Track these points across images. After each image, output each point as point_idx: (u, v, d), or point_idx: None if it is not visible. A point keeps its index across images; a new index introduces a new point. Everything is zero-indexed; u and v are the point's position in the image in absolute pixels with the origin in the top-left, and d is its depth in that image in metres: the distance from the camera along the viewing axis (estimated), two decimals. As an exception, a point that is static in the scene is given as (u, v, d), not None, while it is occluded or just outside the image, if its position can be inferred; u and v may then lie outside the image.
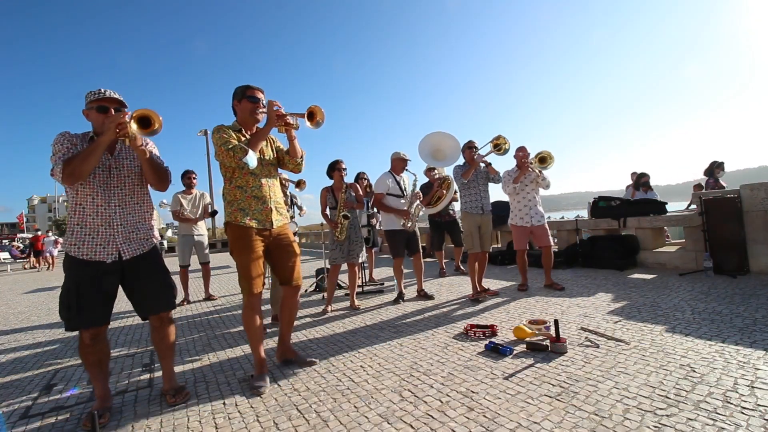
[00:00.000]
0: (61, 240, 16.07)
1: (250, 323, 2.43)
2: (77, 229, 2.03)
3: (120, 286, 2.17)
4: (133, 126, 1.94)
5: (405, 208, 4.36)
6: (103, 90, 2.06)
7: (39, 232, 17.11)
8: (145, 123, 2.00)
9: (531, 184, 4.51)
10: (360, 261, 4.32)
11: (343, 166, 4.26)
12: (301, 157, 2.59)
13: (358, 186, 4.38)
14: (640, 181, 7.50)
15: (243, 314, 2.45)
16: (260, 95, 2.49)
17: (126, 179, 2.13)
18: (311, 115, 2.47)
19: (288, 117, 2.41)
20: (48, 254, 14.98)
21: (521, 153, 4.48)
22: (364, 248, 4.39)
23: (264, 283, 2.51)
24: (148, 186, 2.26)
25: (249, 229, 2.39)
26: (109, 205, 2.06)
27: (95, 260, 2.03)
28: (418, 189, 4.47)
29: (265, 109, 2.45)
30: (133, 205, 2.16)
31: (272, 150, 2.61)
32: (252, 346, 2.47)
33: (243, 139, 2.41)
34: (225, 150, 2.27)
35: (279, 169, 2.73)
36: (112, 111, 2.06)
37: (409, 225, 4.34)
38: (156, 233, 2.30)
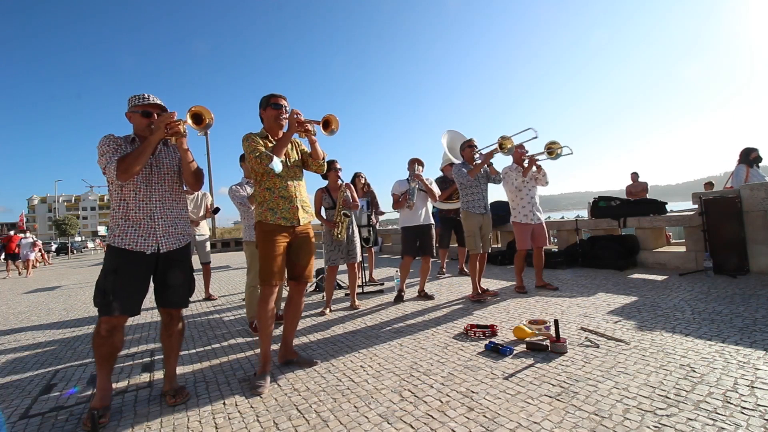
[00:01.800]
0: (39, 242, 13.83)
1: (262, 315, 2.50)
2: (121, 222, 2.15)
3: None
4: (189, 121, 2.18)
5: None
6: (146, 95, 2.22)
7: (12, 232, 13.92)
8: (198, 119, 2.27)
9: (531, 182, 4.50)
10: (359, 260, 4.31)
11: (338, 166, 4.22)
12: (323, 158, 2.74)
13: (353, 187, 4.35)
14: (750, 156, 6.02)
15: (258, 306, 2.53)
16: (283, 102, 2.65)
17: (165, 176, 2.28)
18: (326, 124, 2.67)
19: (307, 124, 2.58)
20: (25, 258, 12.67)
21: (521, 150, 4.46)
22: (359, 247, 4.37)
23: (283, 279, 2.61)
24: (183, 185, 2.41)
25: (276, 226, 2.53)
26: (151, 200, 2.20)
27: (136, 250, 2.13)
28: (433, 186, 4.49)
29: (287, 116, 2.60)
30: (171, 201, 2.29)
31: (297, 153, 2.75)
32: (261, 339, 2.51)
33: (270, 145, 2.58)
34: (253, 157, 2.44)
35: None
36: (155, 115, 2.21)
37: (411, 203, 4.36)
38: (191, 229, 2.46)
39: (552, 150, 4.36)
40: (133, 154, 2.07)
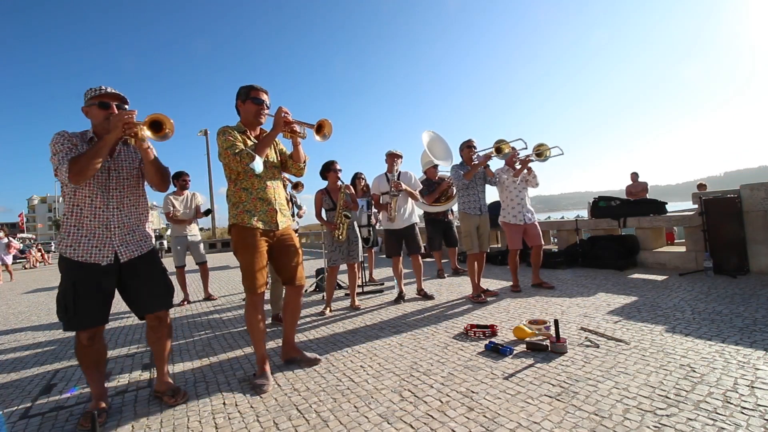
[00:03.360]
0: (15, 244, 12.87)
1: (252, 322, 2.44)
2: (73, 231, 2.01)
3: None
4: (146, 132, 1.94)
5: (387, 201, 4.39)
6: (103, 87, 2.05)
7: None
8: (157, 127, 2.01)
9: (522, 183, 4.53)
10: (360, 260, 4.31)
11: (338, 167, 4.22)
12: (304, 162, 2.62)
13: (351, 187, 4.33)
14: None
15: (246, 313, 2.47)
16: (264, 97, 2.49)
17: (124, 181, 2.13)
18: (320, 128, 2.49)
19: (295, 125, 2.43)
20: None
21: (512, 152, 4.51)
22: (360, 247, 4.38)
23: (267, 283, 2.53)
24: (146, 186, 2.28)
25: (255, 230, 2.40)
26: (108, 207, 2.06)
27: (90, 262, 2.01)
28: (411, 185, 4.47)
29: (269, 111, 2.48)
30: (130, 207, 2.15)
31: (276, 153, 2.63)
32: (254, 344, 2.48)
33: (249, 141, 2.44)
34: (231, 154, 2.29)
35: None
36: (114, 107, 2.05)
37: (392, 215, 4.33)
38: (152, 234, 2.32)
39: (541, 152, 4.43)
40: (87, 155, 1.89)
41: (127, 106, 2.11)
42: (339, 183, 4.20)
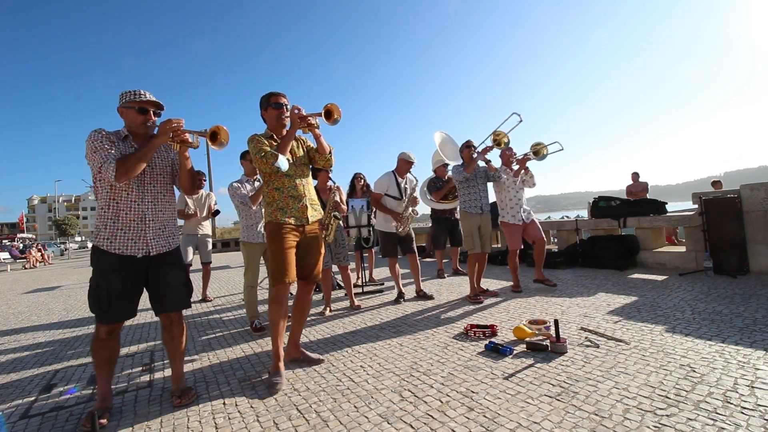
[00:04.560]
0: None
1: (275, 315, 2.49)
2: (110, 224, 2.08)
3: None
4: (208, 137, 2.19)
5: (399, 211, 4.39)
6: (142, 91, 2.16)
7: None
8: (214, 137, 2.25)
9: (519, 183, 4.52)
10: (348, 263, 4.28)
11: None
12: (330, 152, 2.71)
13: (341, 189, 4.30)
14: None
15: (270, 306, 2.52)
16: (283, 100, 2.63)
17: (158, 177, 2.22)
18: (328, 114, 2.58)
19: (309, 118, 2.54)
20: None
21: (508, 152, 4.49)
22: (347, 249, 4.35)
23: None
24: (174, 187, 2.37)
25: (286, 225, 2.53)
26: (143, 201, 2.14)
27: (126, 255, 2.08)
28: (417, 194, 4.47)
29: (289, 113, 2.59)
30: (164, 203, 2.24)
31: (303, 150, 2.74)
32: (273, 339, 2.51)
33: (275, 144, 2.57)
34: (259, 158, 2.44)
35: None
36: (151, 113, 2.16)
37: (400, 229, 4.38)
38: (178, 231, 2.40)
39: (537, 151, 4.40)
40: (135, 156, 2.01)
41: (162, 112, 2.23)
42: (329, 183, 4.17)
